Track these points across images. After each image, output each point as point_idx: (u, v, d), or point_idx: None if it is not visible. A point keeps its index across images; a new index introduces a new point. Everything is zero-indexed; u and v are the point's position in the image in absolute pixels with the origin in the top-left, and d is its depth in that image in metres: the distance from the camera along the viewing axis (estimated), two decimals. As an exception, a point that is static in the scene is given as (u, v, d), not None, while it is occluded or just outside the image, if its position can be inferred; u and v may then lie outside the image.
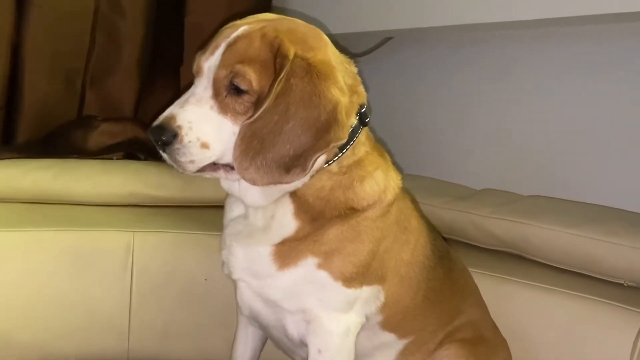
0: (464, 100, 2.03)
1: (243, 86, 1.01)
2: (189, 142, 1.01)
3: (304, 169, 1.01)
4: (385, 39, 2.18)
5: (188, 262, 1.58)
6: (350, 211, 1.11)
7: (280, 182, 1.03)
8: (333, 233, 1.11)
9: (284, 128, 0.98)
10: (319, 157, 1.03)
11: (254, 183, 1.02)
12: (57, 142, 1.93)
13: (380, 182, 1.15)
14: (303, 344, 1.17)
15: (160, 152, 1.04)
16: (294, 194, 1.11)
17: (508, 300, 1.44)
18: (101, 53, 2.03)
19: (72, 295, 1.49)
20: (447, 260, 1.32)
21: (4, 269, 1.46)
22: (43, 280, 1.48)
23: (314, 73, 1.00)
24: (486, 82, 1.96)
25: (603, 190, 1.67)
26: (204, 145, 1.02)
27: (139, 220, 1.62)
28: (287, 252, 1.11)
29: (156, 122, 1.02)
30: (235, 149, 1.02)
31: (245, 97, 1.02)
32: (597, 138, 1.70)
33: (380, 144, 1.25)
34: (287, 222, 1.11)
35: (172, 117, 1.01)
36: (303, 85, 0.99)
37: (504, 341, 1.39)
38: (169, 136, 1.01)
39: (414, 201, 1.32)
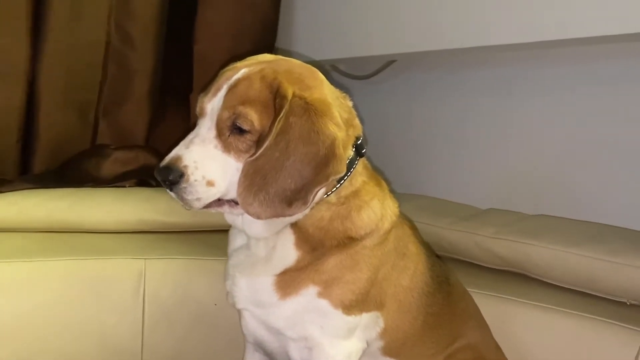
0: (466, 120, 2.06)
1: (245, 126, 1.06)
2: (195, 180, 1.05)
3: (305, 202, 1.05)
4: (388, 62, 2.21)
5: (198, 287, 1.62)
6: (349, 240, 1.15)
7: (283, 215, 1.07)
8: (332, 262, 1.14)
9: (285, 164, 1.03)
10: (319, 190, 1.07)
11: (257, 217, 1.06)
12: (71, 172, 1.99)
13: (377, 211, 1.18)
14: None
15: (168, 190, 1.09)
16: (294, 225, 1.15)
17: (511, 320, 1.46)
18: (113, 84, 2.09)
19: (86, 322, 1.53)
20: (446, 285, 1.34)
21: (20, 298, 1.51)
22: (58, 308, 1.52)
23: (311, 111, 1.05)
24: (488, 102, 1.99)
25: (606, 207, 1.69)
26: (210, 183, 1.06)
27: (150, 247, 1.67)
28: (288, 281, 1.15)
29: (163, 163, 1.07)
30: (239, 185, 1.06)
31: (248, 136, 1.06)
32: (599, 155, 1.72)
33: (378, 172, 1.28)
34: (288, 253, 1.15)
35: (178, 158, 1.06)
36: (302, 123, 1.04)
37: (506, 361, 1.40)
38: (175, 176, 1.05)
39: (412, 227, 1.35)
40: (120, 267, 1.60)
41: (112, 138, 2.11)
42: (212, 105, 1.09)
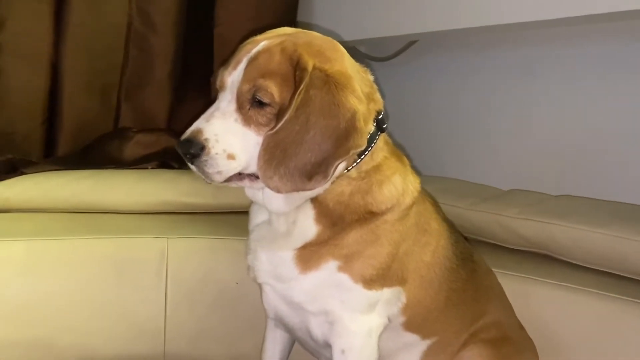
0: (488, 101, 2.03)
1: (265, 99, 1.05)
2: (216, 154, 1.05)
3: (325, 176, 1.04)
4: (409, 43, 2.19)
5: (220, 266, 1.63)
6: (370, 215, 1.14)
7: (303, 189, 1.06)
8: (353, 237, 1.13)
9: (305, 137, 1.02)
10: (339, 164, 1.06)
11: (278, 191, 1.06)
12: (94, 154, 2.01)
13: (398, 186, 1.17)
14: (327, 345, 1.20)
15: (189, 164, 1.09)
16: (315, 200, 1.14)
17: (536, 301, 1.44)
18: (135, 67, 2.10)
19: (110, 300, 1.55)
20: (469, 262, 1.33)
21: (44, 277, 1.53)
22: (82, 286, 1.54)
23: (332, 84, 1.03)
24: (510, 83, 1.96)
25: (630, 188, 1.65)
26: (230, 157, 1.06)
27: (172, 227, 1.68)
28: (308, 255, 1.14)
29: (184, 136, 1.06)
30: (259, 159, 1.05)
31: (268, 109, 1.05)
32: (622, 135, 1.69)
33: (399, 149, 1.27)
34: (308, 227, 1.14)
35: (199, 131, 1.06)
36: (322, 96, 1.02)
37: (530, 341, 1.38)
38: (197, 149, 1.05)
39: (435, 204, 1.34)
40: (142, 246, 1.61)
41: (133, 121, 2.13)
42: (232, 78, 1.08)
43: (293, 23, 2.32)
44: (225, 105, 1.08)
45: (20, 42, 1.91)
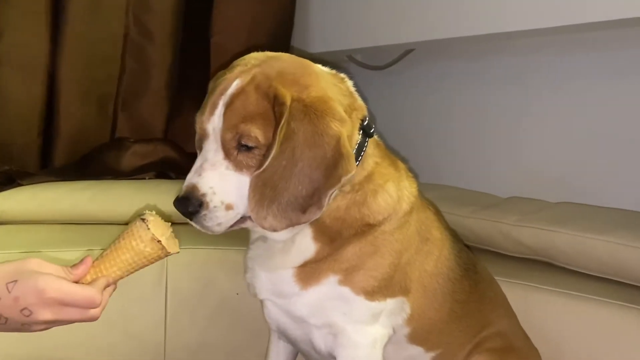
0: (485, 109, 2.03)
1: (251, 144, 1.03)
2: (215, 207, 1.04)
3: (319, 207, 1.02)
4: (406, 52, 2.20)
5: (220, 277, 1.62)
6: (367, 227, 1.13)
7: (299, 223, 1.04)
8: (352, 251, 1.12)
9: (293, 171, 1.00)
10: (333, 192, 1.04)
11: (273, 229, 1.04)
12: (91, 165, 2.00)
13: (393, 194, 1.15)
14: (331, 357, 1.19)
15: (188, 220, 1.07)
16: None
17: (538, 309, 1.44)
18: (131, 77, 2.10)
19: (110, 313, 1.52)
20: (473, 272, 1.32)
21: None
22: (82, 298, 1.53)
23: (312, 113, 1.01)
24: (507, 90, 1.96)
25: (629, 194, 1.66)
26: (229, 207, 1.05)
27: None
28: (309, 273, 1.13)
29: (180, 194, 1.05)
30: (250, 201, 1.03)
31: (256, 152, 1.04)
32: (620, 141, 1.69)
33: (391, 151, 1.25)
34: (307, 246, 1.13)
35: (194, 187, 1.04)
36: (304, 127, 1.01)
37: (535, 350, 1.38)
38: (195, 206, 1.03)
39: (436, 212, 1.33)
40: (142, 257, 1.59)
41: (130, 131, 2.12)
42: (212, 125, 1.05)
43: (289, 32, 2.33)
44: (213, 156, 1.05)
45: (17, 52, 1.90)
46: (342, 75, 1.16)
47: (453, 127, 2.15)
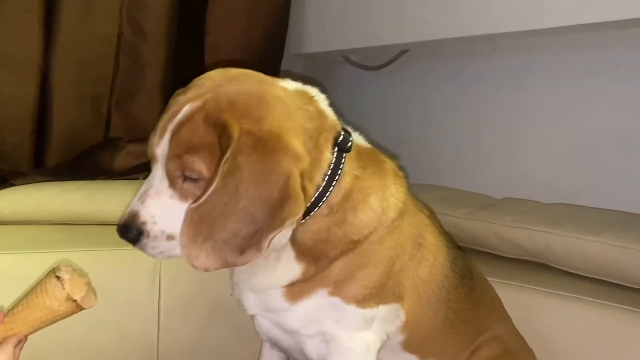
0: (480, 110, 2.04)
1: (194, 176, 0.98)
2: (155, 236, 1.00)
3: (259, 249, 0.95)
4: (401, 52, 2.20)
5: (214, 277, 1.59)
6: (353, 244, 1.10)
7: (235, 265, 0.98)
8: (340, 266, 1.10)
9: (235, 208, 0.94)
10: (275, 235, 0.96)
11: (206, 269, 0.96)
12: (85, 164, 1.99)
13: (376, 207, 1.11)
14: None
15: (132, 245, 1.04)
16: (293, 241, 1.09)
17: (533, 310, 1.44)
18: (125, 77, 2.09)
19: (102, 313, 1.52)
20: (468, 279, 1.30)
21: (37, 290, 1.50)
22: (74, 299, 1.52)
23: (260, 148, 0.94)
24: (502, 91, 1.97)
25: (624, 195, 1.66)
26: (170, 237, 1.00)
27: (165, 239, 1.66)
28: (297, 290, 1.12)
29: (121, 221, 1.02)
30: (181, 236, 0.96)
31: (201, 183, 0.98)
32: (616, 142, 1.70)
33: (380, 148, 1.21)
34: (292, 267, 1.10)
35: (135, 215, 1.00)
36: (251, 163, 0.93)
37: (531, 353, 1.38)
38: (134, 234, 1.00)
39: (431, 216, 1.31)
40: (135, 258, 1.58)
41: (124, 131, 2.11)
42: (160, 150, 1.00)
43: (284, 32, 2.33)
44: (158, 183, 1.01)
45: (10, 51, 1.89)
46: (312, 93, 1.09)
47: (448, 127, 2.15)
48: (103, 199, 1.75)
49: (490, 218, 1.65)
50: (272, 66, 2.34)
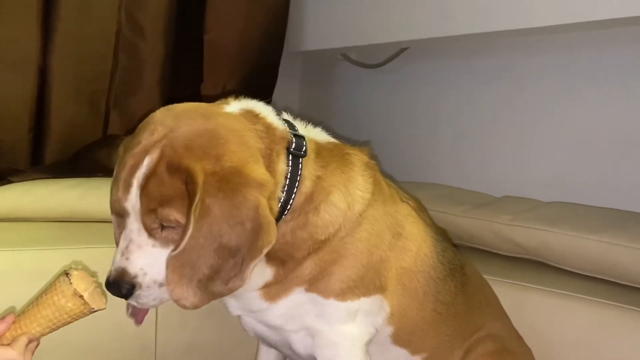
0: (480, 107, 2.03)
1: (172, 225, 1.00)
2: (148, 287, 1.02)
3: (242, 278, 0.99)
4: (400, 50, 2.19)
5: (211, 276, 1.60)
6: (320, 244, 1.10)
7: (221, 295, 1.02)
8: (311, 265, 1.11)
9: (212, 247, 0.96)
10: (255, 264, 0.99)
11: (195, 307, 1.00)
12: (83, 162, 1.99)
13: (340, 204, 1.11)
14: (312, 358, 1.18)
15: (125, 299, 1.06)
16: None
17: (531, 308, 1.44)
18: (123, 74, 2.09)
19: (99, 313, 1.52)
20: (459, 274, 1.30)
21: (32, 288, 1.50)
22: (71, 297, 1.51)
23: (225, 187, 0.96)
24: (502, 89, 1.96)
25: (622, 194, 1.66)
26: (162, 284, 1.02)
27: (162, 237, 1.66)
28: (273, 291, 1.13)
29: (110, 278, 1.03)
30: (168, 283, 0.99)
31: (178, 229, 1.00)
32: (615, 141, 1.69)
33: (344, 139, 1.20)
34: (262, 271, 1.11)
35: (123, 271, 1.02)
36: (220, 202, 0.96)
37: (528, 351, 1.38)
38: (128, 290, 1.02)
39: (416, 207, 1.29)
40: (132, 256, 1.58)
41: (123, 128, 2.11)
42: (131, 204, 1.01)
43: (283, 30, 2.32)
44: (137, 236, 1.02)
45: (7, 48, 1.88)
46: (257, 110, 1.09)
47: (446, 125, 2.15)
48: (100, 196, 1.74)
49: (488, 216, 1.65)
50: (271, 64, 2.34)
